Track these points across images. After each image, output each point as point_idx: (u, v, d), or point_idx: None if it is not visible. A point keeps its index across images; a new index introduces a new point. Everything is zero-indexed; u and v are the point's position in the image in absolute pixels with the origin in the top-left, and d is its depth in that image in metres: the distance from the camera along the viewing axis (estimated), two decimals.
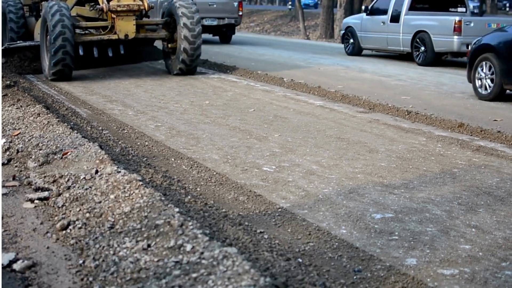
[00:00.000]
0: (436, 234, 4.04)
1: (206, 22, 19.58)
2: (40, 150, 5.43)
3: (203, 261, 2.99)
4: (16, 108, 7.53)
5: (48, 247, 3.60)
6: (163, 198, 3.89)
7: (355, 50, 18.13)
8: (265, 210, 4.42)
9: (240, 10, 21.42)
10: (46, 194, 4.43)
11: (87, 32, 11.51)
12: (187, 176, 5.22)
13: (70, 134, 5.87)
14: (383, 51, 17.71)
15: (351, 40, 18.22)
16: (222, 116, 8.03)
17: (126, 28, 11.14)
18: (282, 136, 6.90)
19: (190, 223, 3.43)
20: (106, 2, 11.10)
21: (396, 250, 3.77)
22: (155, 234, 3.40)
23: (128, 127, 7.24)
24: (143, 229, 3.49)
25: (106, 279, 3.10)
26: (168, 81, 11.42)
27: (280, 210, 4.42)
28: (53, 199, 4.35)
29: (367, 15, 17.70)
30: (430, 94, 10.35)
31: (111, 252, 3.34)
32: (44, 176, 4.74)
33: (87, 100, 9.14)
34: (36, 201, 4.37)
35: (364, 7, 19.69)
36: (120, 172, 4.47)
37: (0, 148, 5.73)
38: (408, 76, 12.82)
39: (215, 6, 20.52)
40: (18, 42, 12.18)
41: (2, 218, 4.05)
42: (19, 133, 6.18)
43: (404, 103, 9.21)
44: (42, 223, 3.98)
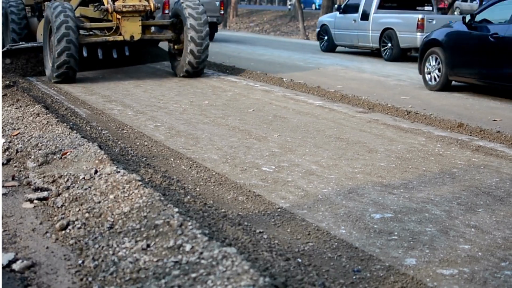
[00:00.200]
0: (436, 234, 4.04)
1: None
2: (40, 150, 5.42)
3: (203, 261, 2.99)
4: (16, 108, 7.53)
5: (47, 247, 3.60)
6: (162, 198, 3.89)
7: (329, 47, 18.77)
8: (264, 210, 4.42)
9: (222, 9, 22.61)
10: (45, 194, 4.43)
11: (91, 33, 11.28)
12: (187, 176, 5.22)
13: (70, 134, 5.87)
14: (354, 48, 18.27)
15: (326, 37, 18.76)
16: (222, 116, 8.03)
17: (131, 29, 10.88)
18: (281, 136, 6.90)
19: (190, 223, 3.42)
20: (112, 2, 10.86)
21: (395, 250, 3.77)
22: (155, 234, 3.40)
23: (127, 127, 7.23)
24: (142, 229, 3.49)
25: (105, 279, 3.10)
26: (168, 81, 11.42)
27: (279, 210, 4.42)
28: (52, 199, 4.34)
29: (340, 13, 18.36)
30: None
31: (111, 252, 3.34)
32: (44, 176, 4.74)
33: (87, 100, 9.13)
34: (35, 201, 4.36)
35: (336, 5, 20.37)
36: (119, 172, 4.47)
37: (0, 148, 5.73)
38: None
39: None
40: (21, 43, 11.92)
41: (1, 218, 4.05)
42: (19, 133, 6.18)
43: (404, 103, 9.22)
44: (41, 223, 3.98)
